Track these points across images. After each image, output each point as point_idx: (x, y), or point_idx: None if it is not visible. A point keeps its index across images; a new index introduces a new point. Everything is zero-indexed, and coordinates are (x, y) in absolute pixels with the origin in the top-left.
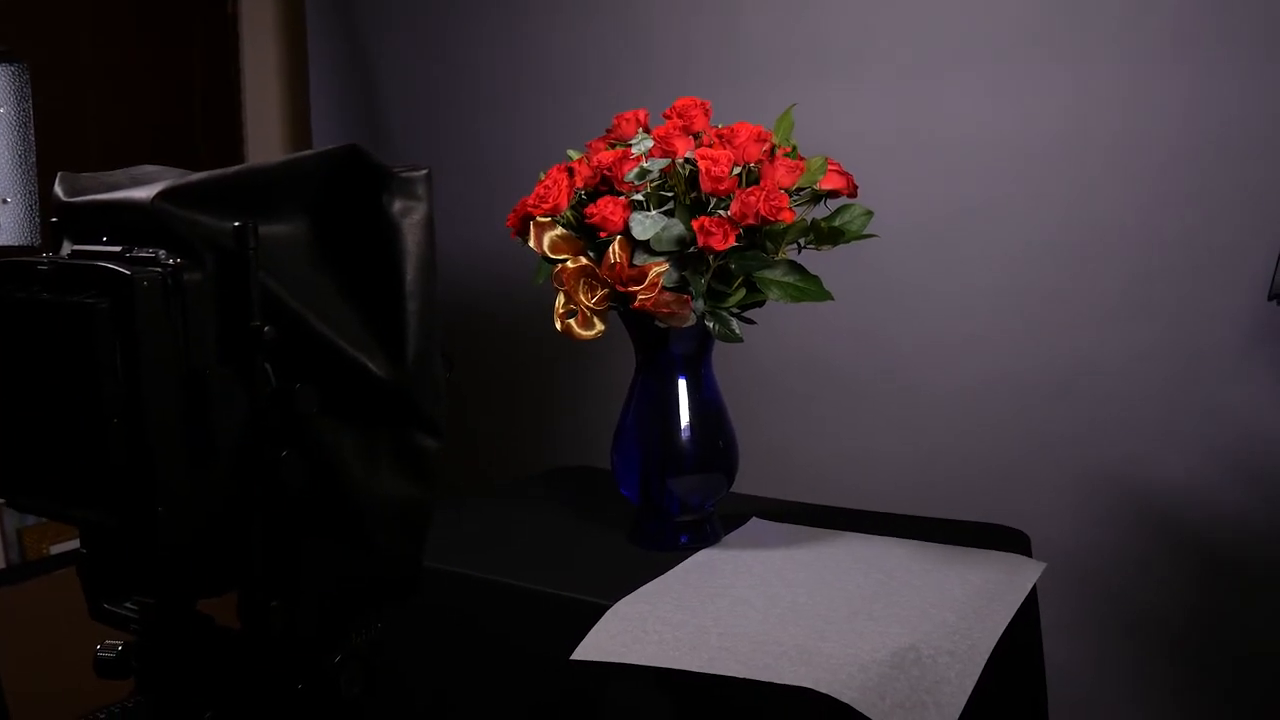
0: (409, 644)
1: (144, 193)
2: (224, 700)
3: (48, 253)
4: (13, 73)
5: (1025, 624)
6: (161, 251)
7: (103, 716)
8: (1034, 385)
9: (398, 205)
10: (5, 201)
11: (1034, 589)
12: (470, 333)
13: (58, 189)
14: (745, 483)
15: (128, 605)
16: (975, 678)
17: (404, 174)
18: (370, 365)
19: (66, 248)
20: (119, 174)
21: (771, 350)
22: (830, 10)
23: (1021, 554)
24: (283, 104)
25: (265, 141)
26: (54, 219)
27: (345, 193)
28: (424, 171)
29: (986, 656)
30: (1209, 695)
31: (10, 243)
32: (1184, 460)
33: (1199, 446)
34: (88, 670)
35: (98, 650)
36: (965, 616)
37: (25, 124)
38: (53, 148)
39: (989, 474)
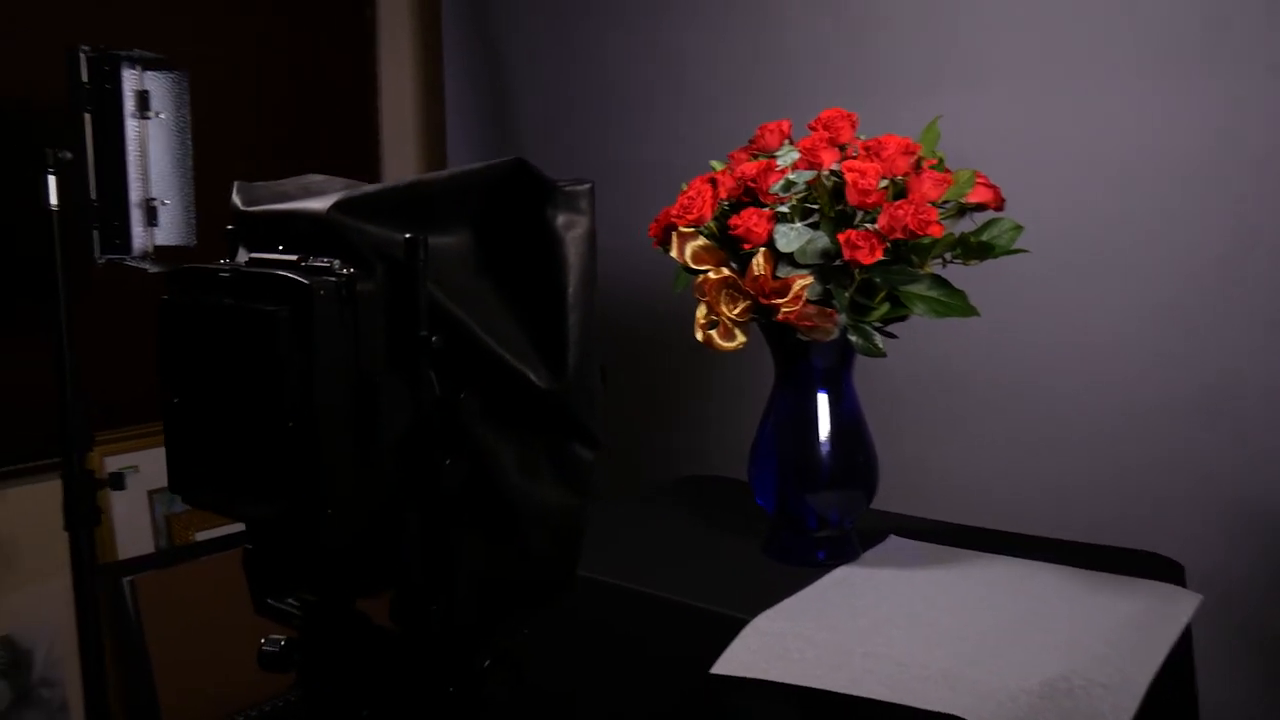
0: (542, 647)
1: (319, 204)
2: (380, 699)
3: (224, 259)
4: (173, 80)
5: (1179, 659)
6: (336, 261)
7: (267, 709)
8: (1186, 406)
9: (561, 219)
10: (164, 204)
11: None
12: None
13: (235, 198)
14: (880, 498)
15: (289, 601)
16: (1132, 713)
17: (568, 188)
18: (531, 376)
19: (243, 255)
20: (288, 183)
21: (910, 364)
22: (970, 21)
23: (1175, 584)
24: (417, 110)
25: (400, 146)
26: (230, 226)
27: (509, 205)
28: (587, 186)
29: (1143, 691)
30: None
31: (168, 243)
32: None
33: None
34: (228, 644)
35: (261, 644)
36: (1118, 648)
37: (183, 129)
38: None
39: (1134, 499)
